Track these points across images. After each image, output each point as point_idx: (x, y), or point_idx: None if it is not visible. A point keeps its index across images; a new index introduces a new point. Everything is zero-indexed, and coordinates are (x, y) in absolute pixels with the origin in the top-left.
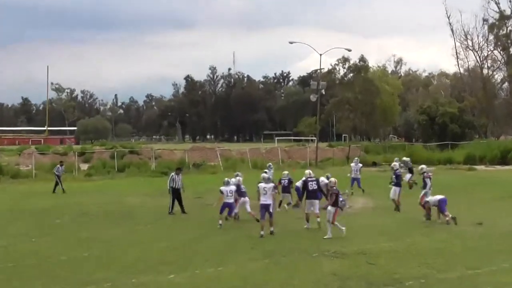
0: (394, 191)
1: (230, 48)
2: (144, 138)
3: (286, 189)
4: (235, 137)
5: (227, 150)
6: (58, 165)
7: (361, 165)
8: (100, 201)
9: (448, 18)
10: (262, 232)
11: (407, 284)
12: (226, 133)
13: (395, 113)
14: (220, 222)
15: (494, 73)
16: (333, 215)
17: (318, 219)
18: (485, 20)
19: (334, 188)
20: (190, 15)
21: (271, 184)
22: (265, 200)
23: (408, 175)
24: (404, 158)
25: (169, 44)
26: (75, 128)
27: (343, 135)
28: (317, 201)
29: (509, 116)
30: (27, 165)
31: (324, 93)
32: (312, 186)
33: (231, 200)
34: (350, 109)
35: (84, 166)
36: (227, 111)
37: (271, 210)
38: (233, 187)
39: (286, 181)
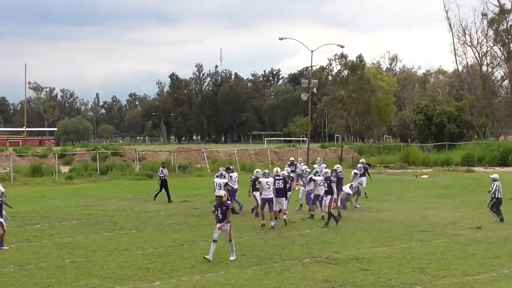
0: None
1: (217, 44)
2: (128, 139)
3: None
4: (223, 138)
5: (214, 152)
6: (161, 168)
7: (324, 165)
8: (81, 205)
9: (446, 12)
10: (263, 222)
11: None
12: (213, 134)
13: (390, 112)
14: (272, 223)
15: (494, 70)
16: (328, 203)
17: (285, 216)
18: (484, 15)
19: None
20: (175, 10)
21: (271, 179)
22: (268, 194)
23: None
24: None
25: (153, 40)
26: (55, 129)
27: (336, 135)
28: (284, 199)
29: (509, 116)
30: (4, 168)
31: (315, 91)
32: (279, 184)
33: (270, 195)
34: (343, 108)
35: (65, 169)
36: (214, 110)
37: (272, 205)
38: (270, 179)
39: (281, 182)
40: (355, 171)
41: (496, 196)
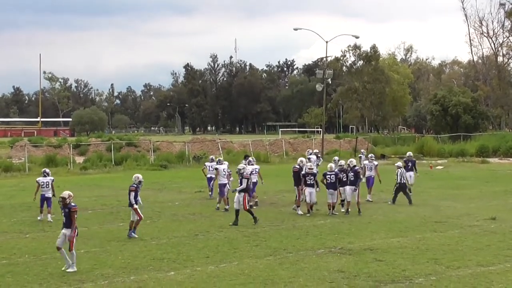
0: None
1: (232, 35)
2: (142, 129)
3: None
4: (237, 129)
5: (229, 142)
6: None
7: (314, 157)
8: (96, 195)
9: (462, 2)
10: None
11: (417, 282)
12: (228, 124)
13: (405, 103)
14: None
15: (510, 61)
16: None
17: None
18: (502, 5)
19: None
20: (191, 1)
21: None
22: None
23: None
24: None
25: (167, 31)
26: (69, 119)
27: (350, 126)
28: (335, 192)
29: None
30: (19, 158)
31: (330, 82)
32: (331, 179)
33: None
34: (358, 99)
35: (80, 159)
36: (228, 101)
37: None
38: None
39: (333, 176)
40: (398, 164)
41: (400, 181)
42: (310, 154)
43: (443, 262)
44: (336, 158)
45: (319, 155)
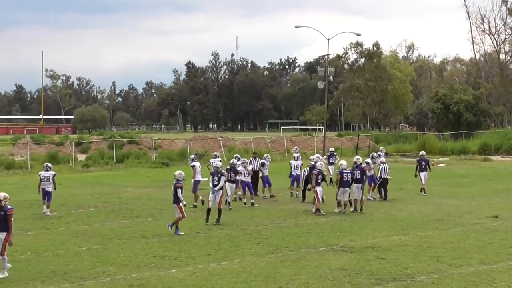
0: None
1: (233, 32)
2: (144, 127)
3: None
4: (239, 126)
5: (230, 140)
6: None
7: (299, 154)
8: (98, 193)
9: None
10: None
11: (419, 280)
12: (229, 122)
13: (407, 101)
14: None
15: None
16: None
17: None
18: (504, 2)
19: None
20: None
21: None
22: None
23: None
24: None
25: (169, 28)
26: (71, 116)
27: (352, 124)
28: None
29: None
30: (22, 156)
31: (332, 80)
32: (347, 177)
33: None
34: (359, 96)
35: (82, 157)
36: (230, 99)
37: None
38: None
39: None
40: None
41: (382, 176)
42: (297, 152)
43: (445, 260)
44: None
45: (334, 153)
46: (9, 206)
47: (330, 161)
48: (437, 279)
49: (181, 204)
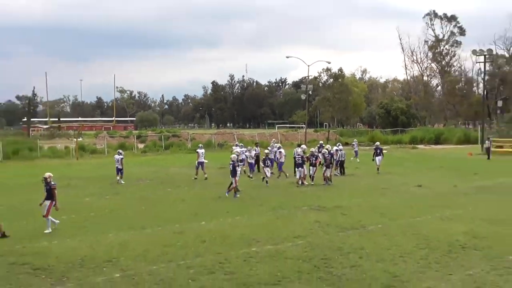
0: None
1: (244, 61)
2: (182, 125)
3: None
4: (247, 125)
5: (242, 134)
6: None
7: (278, 145)
8: (151, 170)
9: (400, 40)
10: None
11: (369, 228)
12: (241, 122)
13: (362, 108)
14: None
15: (431, 79)
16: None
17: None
18: (426, 41)
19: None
20: (216, 37)
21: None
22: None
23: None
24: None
25: (201, 58)
26: (134, 118)
27: (325, 123)
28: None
29: (441, 111)
30: (101, 145)
31: (311, 93)
32: (299, 160)
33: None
34: (329, 105)
35: (141, 146)
36: (241, 106)
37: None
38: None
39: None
40: (337, 147)
41: (340, 159)
42: (274, 142)
43: (386, 215)
44: (321, 142)
45: (323, 144)
46: (53, 183)
47: (319, 150)
48: (381, 228)
49: (237, 177)
